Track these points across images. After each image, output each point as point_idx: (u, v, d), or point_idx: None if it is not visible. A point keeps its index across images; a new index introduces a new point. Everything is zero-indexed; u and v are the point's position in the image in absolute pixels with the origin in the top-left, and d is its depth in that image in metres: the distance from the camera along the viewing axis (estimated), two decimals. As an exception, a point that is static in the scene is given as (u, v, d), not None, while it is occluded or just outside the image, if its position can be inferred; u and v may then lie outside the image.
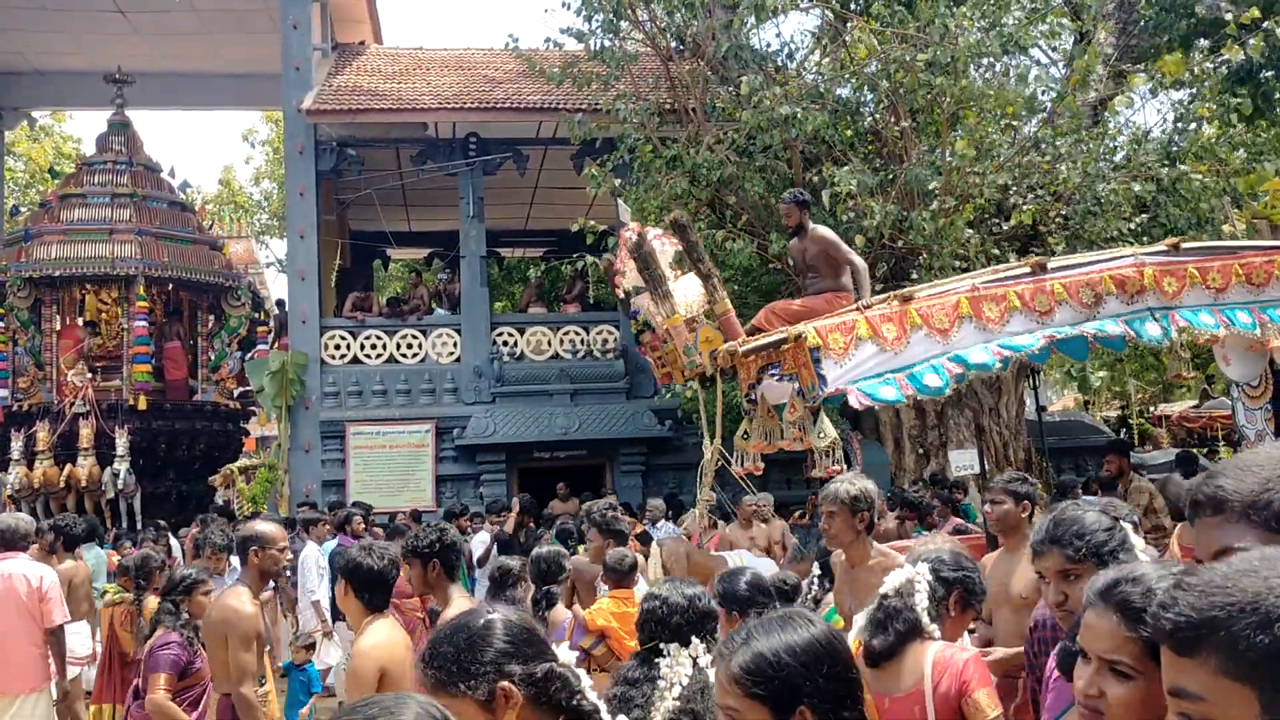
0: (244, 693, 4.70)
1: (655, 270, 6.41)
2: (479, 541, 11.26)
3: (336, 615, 9.34)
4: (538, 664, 2.02)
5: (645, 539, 7.69)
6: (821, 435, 5.89)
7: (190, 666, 5.11)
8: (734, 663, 1.80)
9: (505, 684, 1.97)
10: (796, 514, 12.25)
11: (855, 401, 5.82)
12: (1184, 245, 7.16)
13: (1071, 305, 6.36)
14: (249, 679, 4.76)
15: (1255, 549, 1.19)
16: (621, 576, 5.49)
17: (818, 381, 5.77)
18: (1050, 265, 6.71)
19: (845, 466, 6.08)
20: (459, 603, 4.30)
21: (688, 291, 6.51)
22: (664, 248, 6.60)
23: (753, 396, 6.55)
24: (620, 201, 8.39)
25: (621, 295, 6.84)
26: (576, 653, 5.20)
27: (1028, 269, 6.60)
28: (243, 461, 16.42)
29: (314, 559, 9.98)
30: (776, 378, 6.16)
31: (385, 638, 3.94)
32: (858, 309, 6.24)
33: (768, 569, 7.71)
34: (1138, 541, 2.52)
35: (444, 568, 4.36)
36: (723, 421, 7.15)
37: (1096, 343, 6.62)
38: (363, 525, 10.86)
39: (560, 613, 5.60)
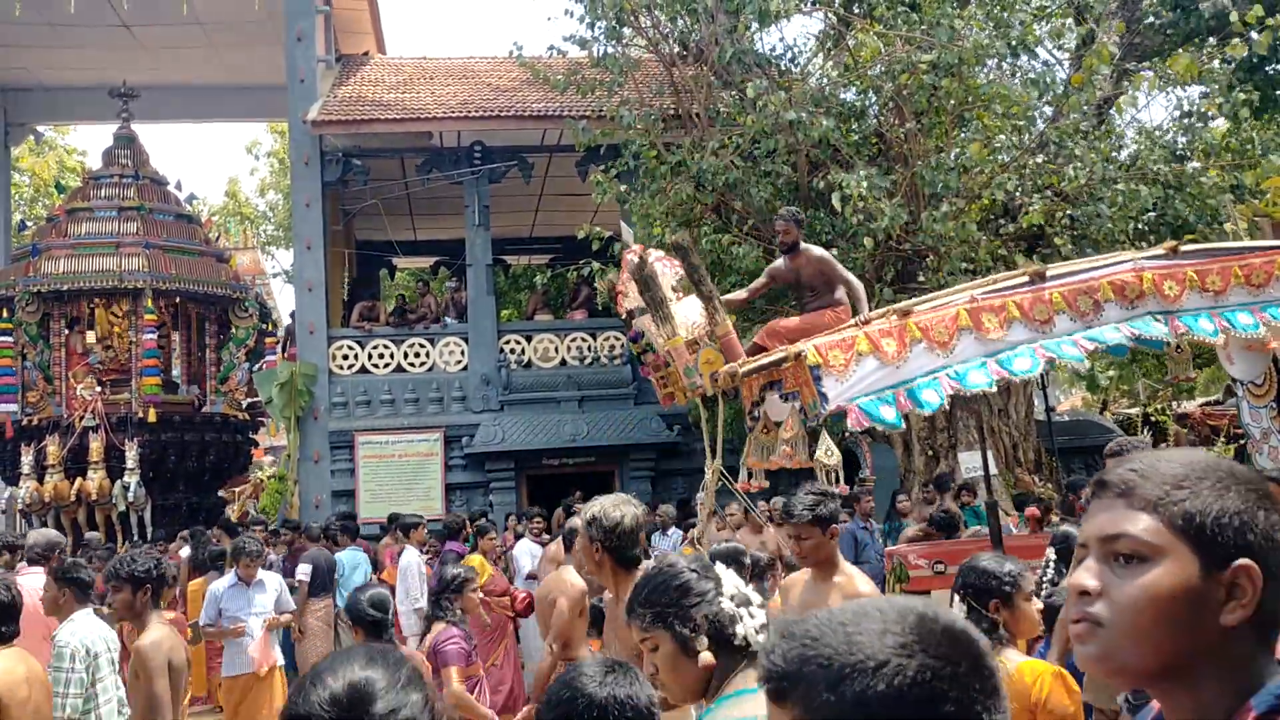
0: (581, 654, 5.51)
1: (656, 293, 6.43)
2: (525, 552, 10.91)
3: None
4: None
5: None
6: (829, 453, 5.90)
7: (469, 657, 5.62)
8: None
9: None
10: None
11: (854, 422, 5.82)
12: (1183, 248, 7.14)
13: (1070, 314, 6.35)
14: (578, 645, 5.41)
15: (876, 599, 1.19)
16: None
17: (819, 400, 5.78)
18: (1049, 273, 6.70)
19: (848, 487, 6.11)
20: (157, 627, 4.52)
21: (689, 313, 6.53)
22: (666, 270, 6.62)
23: (756, 414, 6.56)
24: (623, 224, 8.42)
25: (624, 315, 6.87)
26: None
27: (1025, 278, 6.59)
28: (270, 470, 16.44)
29: (416, 564, 9.80)
30: (780, 395, 6.18)
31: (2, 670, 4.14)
32: (857, 324, 6.24)
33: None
34: (757, 597, 2.38)
35: (154, 595, 4.56)
36: (726, 438, 7.17)
37: (1100, 350, 6.57)
38: (470, 531, 10.74)
39: None
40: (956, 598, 3.49)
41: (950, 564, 7.02)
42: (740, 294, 7.82)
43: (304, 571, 10.06)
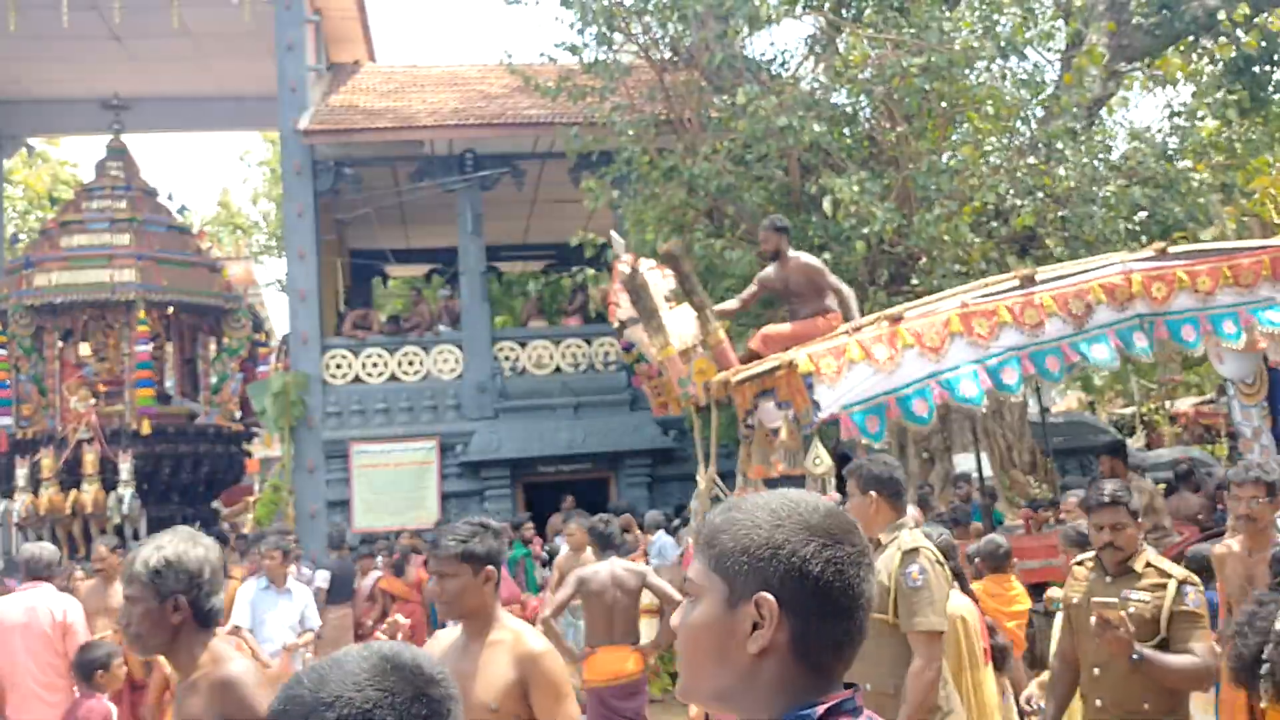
0: None
1: (648, 303, 6.44)
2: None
3: None
4: None
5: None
6: (817, 462, 5.92)
7: None
8: None
9: None
10: None
11: (845, 433, 5.83)
12: (1171, 249, 7.16)
13: (1061, 317, 6.38)
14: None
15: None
16: (999, 562, 5.75)
17: (811, 407, 5.81)
18: (1039, 277, 6.71)
19: (841, 497, 6.13)
20: None
21: (682, 322, 6.54)
22: (658, 279, 6.63)
23: (750, 422, 6.56)
24: (613, 233, 8.35)
25: (616, 325, 6.88)
26: None
27: (1016, 282, 6.60)
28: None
29: None
30: (775, 404, 6.20)
31: None
32: (848, 331, 6.25)
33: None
34: None
35: None
36: (721, 442, 7.17)
37: (1087, 361, 6.59)
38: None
39: None
40: None
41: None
42: (731, 303, 7.81)
43: (323, 578, 10.19)
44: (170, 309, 17.01)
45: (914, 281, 11.37)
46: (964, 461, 12.51)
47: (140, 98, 18.81)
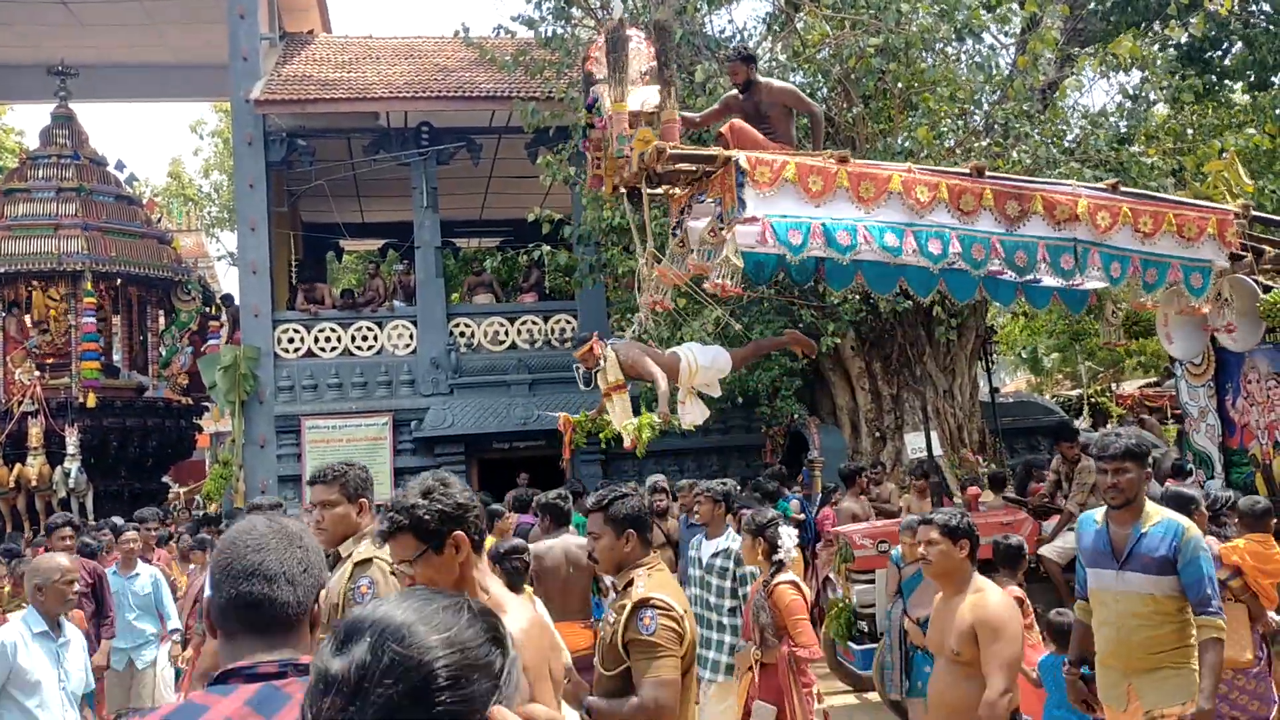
0: None
1: (622, 56, 6.35)
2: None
3: None
4: None
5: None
6: (737, 254, 5.91)
7: None
8: None
9: None
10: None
11: (760, 238, 5.80)
12: (1123, 189, 7.22)
13: (995, 214, 6.37)
14: None
15: None
16: (1258, 520, 5.70)
17: (738, 205, 5.83)
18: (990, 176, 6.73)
19: (737, 286, 6.09)
20: None
21: (646, 94, 6.45)
22: (642, 50, 6.54)
23: (677, 233, 6.60)
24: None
25: (588, 75, 6.78)
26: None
27: (969, 171, 6.61)
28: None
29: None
30: (702, 200, 6.22)
31: None
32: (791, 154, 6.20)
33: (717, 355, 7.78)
34: None
35: None
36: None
37: (1007, 266, 6.56)
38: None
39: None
40: None
41: (894, 543, 7.02)
42: (692, 116, 7.63)
43: None
44: (118, 280, 16.75)
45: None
46: (914, 440, 12.63)
47: (88, 65, 18.45)
